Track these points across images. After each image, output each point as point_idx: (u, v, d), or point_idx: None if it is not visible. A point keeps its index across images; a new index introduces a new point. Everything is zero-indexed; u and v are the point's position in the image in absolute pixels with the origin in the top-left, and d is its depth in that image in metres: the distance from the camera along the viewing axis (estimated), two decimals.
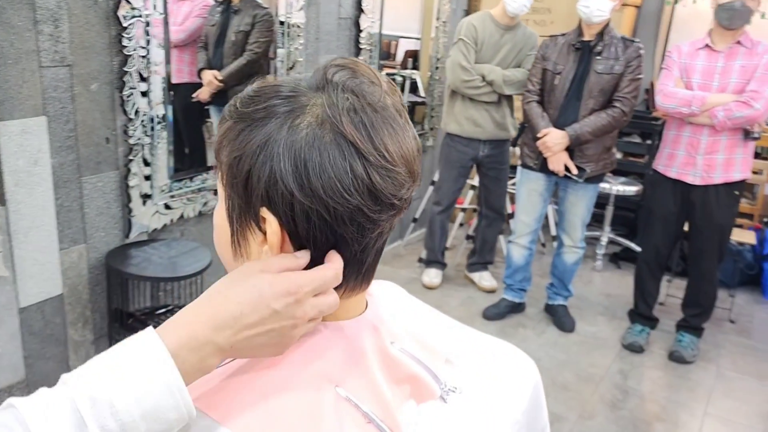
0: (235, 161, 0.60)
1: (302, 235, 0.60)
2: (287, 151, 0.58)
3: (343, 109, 0.59)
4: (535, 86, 2.96)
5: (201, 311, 0.57)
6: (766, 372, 3.02)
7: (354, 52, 3.36)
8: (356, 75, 0.63)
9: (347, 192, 0.58)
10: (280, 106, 0.60)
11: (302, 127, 0.58)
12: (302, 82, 0.63)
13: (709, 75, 2.78)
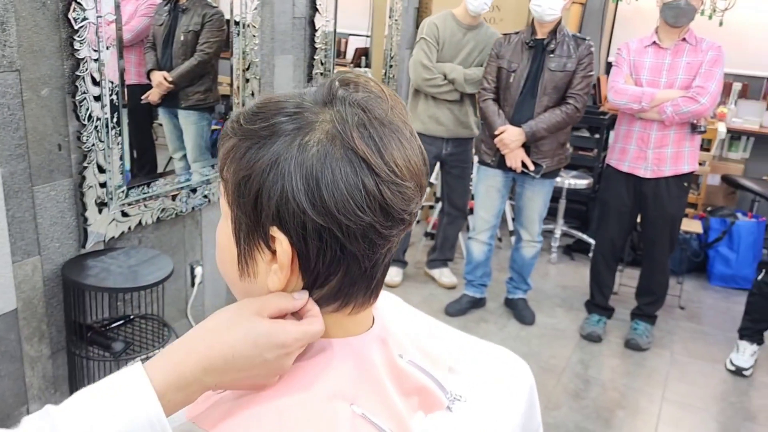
0: (243, 180, 0.59)
1: (313, 253, 0.59)
2: (298, 168, 0.57)
3: (352, 124, 0.58)
4: (491, 84, 3.00)
5: (193, 350, 0.57)
6: (716, 355, 3.15)
7: (309, 51, 3.33)
8: (362, 89, 0.62)
9: (360, 209, 0.57)
10: (287, 123, 0.59)
11: (312, 143, 0.57)
12: (306, 97, 0.62)
13: (657, 71, 2.87)
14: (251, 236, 0.61)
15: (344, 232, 0.58)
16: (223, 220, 0.65)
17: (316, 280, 0.62)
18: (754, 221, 4.00)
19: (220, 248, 0.67)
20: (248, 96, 2.94)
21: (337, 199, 0.57)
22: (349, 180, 0.57)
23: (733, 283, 3.97)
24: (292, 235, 0.58)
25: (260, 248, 0.61)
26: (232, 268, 0.65)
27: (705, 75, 2.79)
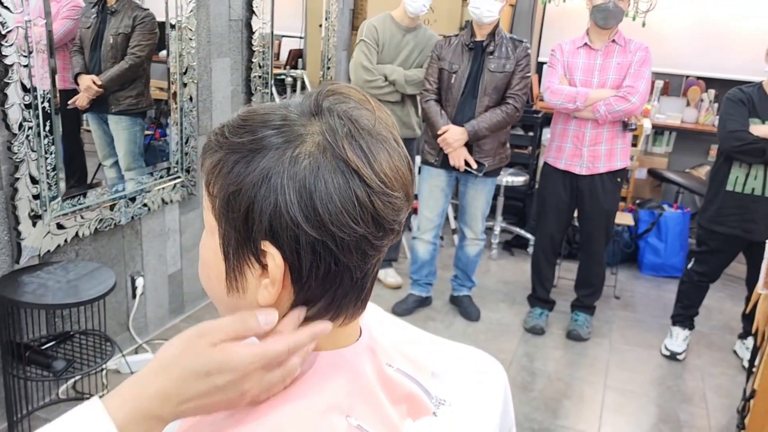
0: (233, 195, 0.58)
1: (306, 267, 0.59)
2: (291, 181, 0.56)
3: (342, 135, 0.58)
4: (433, 85, 3.03)
5: (148, 385, 0.57)
6: (651, 342, 3.29)
7: (247, 54, 3.28)
8: (348, 100, 0.62)
9: (353, 221, 0.57)
10: (275, 136, 0.58)
11: (303, 156, 0.57)
12: (291, 109, 0.61)
13: (590, 72, 2.98)
14: (240, 251, 0.60)
15: (338, 244, 0.58)
16: (207, 234, 0.64)
17: (307, 294, 0.61)
18: (679, 212, 4.21)
19: (204, 264, 0.65)
20: (186, 100, 2.87)
21: (331, 212, 0.56)
22: (342, 192, 0.57)
23: (662, 271, 4.17)
24: (285, 249, 0.58)
25: (250, 263, 0.60)
26: (219, 284, 0.64)
27: (634, 75, 2.92)
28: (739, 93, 2.89)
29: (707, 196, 3.07)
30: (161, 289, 3.00)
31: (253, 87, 3.34)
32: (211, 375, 0.56)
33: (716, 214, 2.96)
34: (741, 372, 3.05)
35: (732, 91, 2.92)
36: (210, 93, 3.07)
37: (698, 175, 4.55)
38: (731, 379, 2.99)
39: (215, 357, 0.56)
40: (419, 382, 0.75)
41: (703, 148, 4.91)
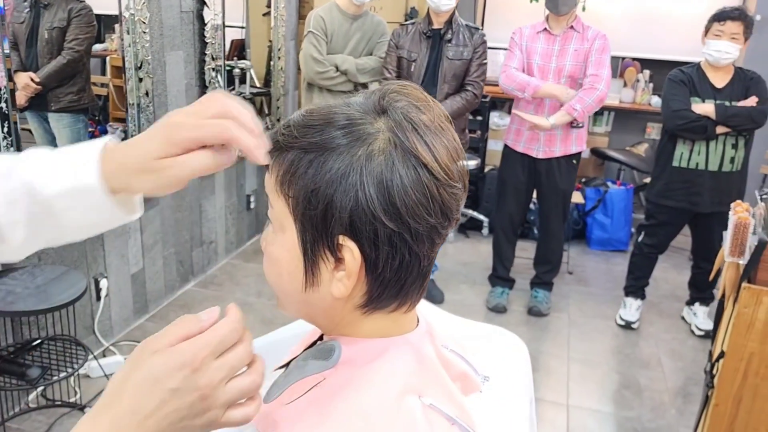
0: (313, 194, 0.60)
1: (382, 258, 0.62)
2: (369, 177, 0.59)
3: (410, 131, 0.61)
4: (392, 74, 3.07)
5: (99, 420, 0.52)
6: (606, 313, 3.46)
7: (200, 46, 3.22)
8: (410, 97, 0.65)
9: (426, 212, 0.61)
10: (345, 135, 0.61)
11: (377, 152, 0.60)
12: (354, 107, 0.64)
13: (548, 57, 3.08)
14: (317, 246, 0.62)
15: (413, 235, 0.61)
16: (277, 233, 0.65)
17: (380, 284, 0.64)
18: (623, 188, 4.41)
19: (274, 262, 0.67)
20: (143, 95, 2.80)
21: (408, 204, 0.60)
22: (415, 185, 0.60)
23: (609, 246, 4.36)
24: (364, 242, 0.60)
25: (325, 257, 0.63)
26: (293, 280, 0.66)
27: (596, 63, 3.03)
28: (680, 74, 3.05)
29: (654, 172, 3.23)
30: (125, 290, 2.94)
31: (207, 80, 3.28)
32: (159, 380, 0.52)
33: (664, 189, 3.13)
34: (690, 336, 3.25)
35: (673, 72, 3.08)
36: (165, 87, 3.00)
37: (638, 152, 4.77)
38: (682, 344, 3.19)
39: (159, 360, 0.52)
40: (468, 360, 0.79)
41: (640, 126, 5.14)
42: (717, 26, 2.92)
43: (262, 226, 4.19)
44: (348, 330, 0.68)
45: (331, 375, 0.67)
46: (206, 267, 3.63)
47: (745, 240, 1.58)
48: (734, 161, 3.00)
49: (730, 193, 3.05)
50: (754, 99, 2.93)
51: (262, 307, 3.31)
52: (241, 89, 3.85)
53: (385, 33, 3.33)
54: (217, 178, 3.59)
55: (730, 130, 2.92)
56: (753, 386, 1.61)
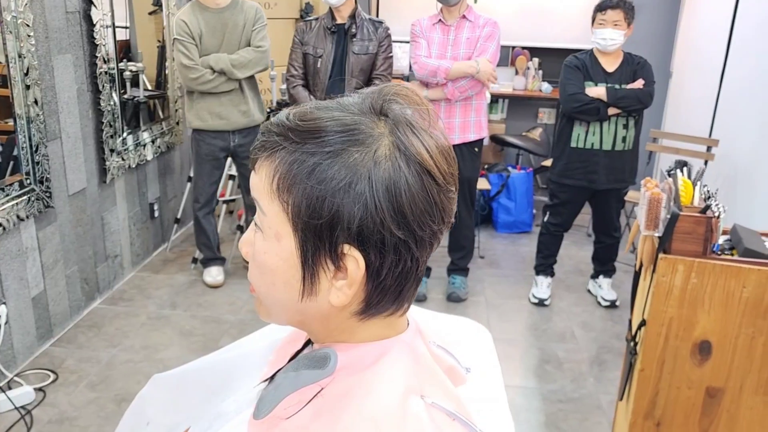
0: (318, 201, 0.57)
1: (386, 266, 0.60)
2: (379, 185, 0.57)
3: (412, 135, 0.60)
4: (298, 71, 3.02)
5: None
6: (519, 293, 3.60)
7: (89, 49, 3.03)
8: (400, 99, 0.63)
9: (432, 220, 0.60)
10: (349, 139, 0.58)
11: (383, 158, 0.58)
12: (351, 109, 0.61)
13: (444, 46, 3.15)
14: (318, 256, 0.60)
15: (417, 242, 0.60)
16: (270, 241, 0.62)
17: (381, 291, 0.62)
18: (523, 172, 4.60)
19: (268, 272, 0.63)
20: (32, 104, 2.60)
21: (415, 212, 0.58)
22: (421, 191, 0.59)
23: (515, 228, 4.54)
24: (369, 251, 0.59)
25: (325, 266, 0.60)
26: (288, 290, 0.63)
27: (480, 49, 3.13)
28: (575, 60, 3.22)
29: (554, 153, 3.39)
30: (26, 315, 2.72)
31: (101, 84, 3.09)
32: None
33: (564, 169, 3.29)
34: (598, 307, 3.45)
35: (569, 58, 3.25)
36: (55, 94, 2.80)
37: (533, 136, 4.98)
38: (591, 315, 3.38)
39: None
40: (452, 354, 0.80)
41: (533, 112, 5.37)
42: (600, 16, 3.10)
43: (168, 235, 4.02)
44: (343, 337, 0.66)
45: (329, 384, 0.64)
46: (113, 282, 3.43)
47: (658, 214, 1.69)
48: (626, 140, 3.20)
49: (624, 171, 3.26)
50: (640, 82, 3.14)
51: (179, 318, 3.17)
52: (134, 92, 3.65)
53: (260, 19, 3.19)
54: (117, 188, 3.40)
55: (620, 111, 3.12)
56: (674, 348, 1.73)
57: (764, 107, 3.45)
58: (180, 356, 2.84)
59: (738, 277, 1.63)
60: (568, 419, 2.52)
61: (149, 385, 1.01)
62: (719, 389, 1.73)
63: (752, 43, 3.70)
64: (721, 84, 4.03)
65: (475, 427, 0.67)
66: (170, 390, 0.97)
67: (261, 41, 3.16)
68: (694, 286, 1.67)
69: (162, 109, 3.96)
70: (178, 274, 3.70)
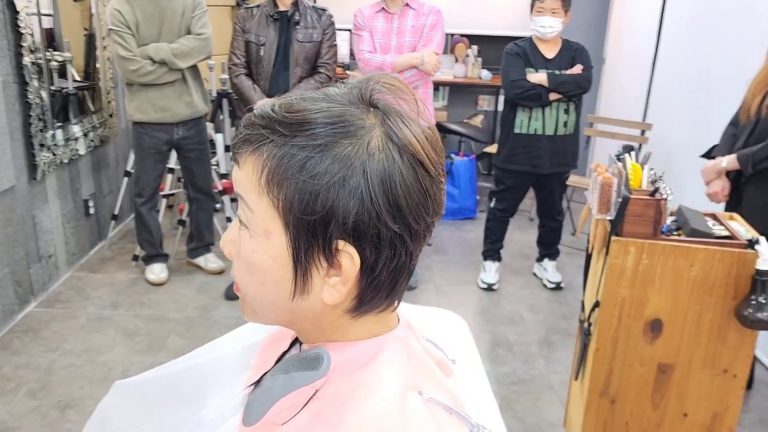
0: (311, 196, 0.55)
1: (381, 262, 0.58)
2: (374, 178, 0.55)
3: (402, 125, 0.58)
4: (241, 59, 2.94)
5: None
6: (467, 278, 3.64)
7: (14, 38, 2.85)
8: (394, 90, 0.61)
9: (426, 212, 0.58)
10: (341, 131, 0.56)
11: (376, 150, 0.56)
12: (338, 99, 0.59)
13: (388, 35, 3.13)
14: (310, 253, 0.57)
15: (412, 236, 0.58)
16: (258, 238, 0.59)
17: (375, 287, 0.60)
18: (466, 159, 4.64)
19: (257, 271, 0.60)
20: None
21: (410, 205, 0.57)
22: (415, 184, 0.57)
23: (459, 214, 4.59)
24: (365, 247, 0.56)
25: (318, 263, 0.58)
26: (278, 289, 0.60)
27: (426, 38, 3.13)
28: (515, 47, 3.26)
29: (500, 140, 3.43)
30: None
31: (27, 75, 2.92)
32: None
33: (509, 155, 3.34)
34: (544, 290, 3.53)
35: (509, 45, 3.28)
36: None
37: (474, 123, 5.04)
38: (538, 297, 3.45)
39: None
40: (439, 346, 0.78)
41: (473, 99, 5.43)
42: (538, 4, 3.15)
43: (105, 232, 3.86)
44: (336, 336, 0.64)
45: (324, 385, 0.62)
46: (47, 284, 3.27)
47: (610, 198, 1.73)
48: (567, 125, 3.27)
49: (566, 155, 3.34)
50: (579, 67, 3.21)
51: (122, 319, 3.05)
52: (62, 83, 3.47)
53: (199, 5, 3.06)
54: (49, 184, 3.23)
55: (561, 96, 3.18)
56: (626, 327, 1.78)
57: (694, 92, 3.60)
58: (125, 358, 2.73)
59: (686, 256, 1.69)
60: (521, 400, 2.57)
61: (112, 393, 0.95)
62: (670, 365, 1.80)
63: (682, 29, 3.85)
64: (654, 70, 4.18)
65: (471, 420, 0.67)
66: (137, 398, 0.92)
67: (202, 28, 3.05)
68: (645, 266, 1.72)
69: (93, 101, 3.78)
70: (118, 272, 3.56)
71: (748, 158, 2.30)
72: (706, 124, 3.35)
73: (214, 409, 0.78)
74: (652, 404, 1.84)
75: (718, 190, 2.43)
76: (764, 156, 2.26)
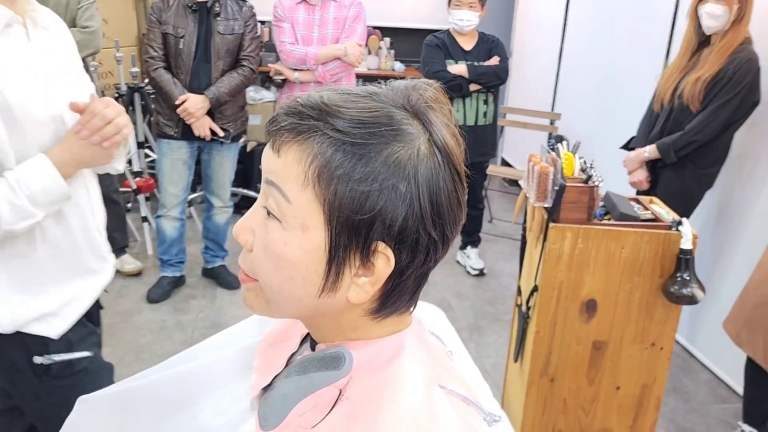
0: (363, 197, 0.55)
1: (412, 266, 0.59)
2: (423, 184, 0.56)
3: (445, 135, 0.58)
4: (158, 52, 2.80)
5: None
6: None
7: None
8: (434, 98, 0.61)
9: (459, 219, 0.60)
10: (392, 134, 0.56)
11: (424, 157, 0.56)
12: (387, 101, 0.58)
13: (310, 27, 3.09)
14: (348, 251, 0.57)
15: (444, 242, 0.59)
16: (292, 231, 0.58)
17: (400, 291, 0.61)
18: None
19: (287, 264, 0.59)
20: None
21: (449, 213, 0.58)
22: (453, 193, 0.58)
23: None
24: (403, 250, 0.57)
25: (352, 262, 0.58)
26: (307, 285, 0.59)
27: (348, 30, 3.13)
28: (435, 39, 3.32)
29: None
30: None
31: None
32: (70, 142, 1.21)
33: None
34: (468, 276, 3.63)
35: (428, 38, 3.34)
36: None
37: None
38: (463, 284, 3.55)
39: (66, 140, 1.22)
40: (440, 338, 0.80)
41: None
42: None
43: None
44: (356, 334, 0.64)
45: (348, 384, 0.62)
46: None
47: (547, 186, 1.80)
48: (487, 115, 3.37)
49: (487, 144, 3.44)
50: (496, 59, 3.31)
51: None
52: None
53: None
54: None
55: (481, 87, 3.27)
56: (564, 309, 1.87)
57: (599, 84, 3.81)
58: None
59: (617, 239, 1.80)
60: None
61: (78, 410, 0.90)
62: (603, 342, 1.91)
63: (586, 25, 4.05)
64: (560, 64, 4.38)
65: (484, 410, 0.69)
66: (114, 411, 0.88)
67: (88, 21, 2.87)
68: (580, 250, 1.81)
69: None
70: None
71: (668, 147, 2.47)
72: (611, 114, 3.56)
73: (218, 415, 0.75)
74: (587, 380, 1.95)
75: (642, 178, 2.60)
76: (684, 144, 2.43)
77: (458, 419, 0.62)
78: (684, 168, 2.49)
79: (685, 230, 1.76)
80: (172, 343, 2.81)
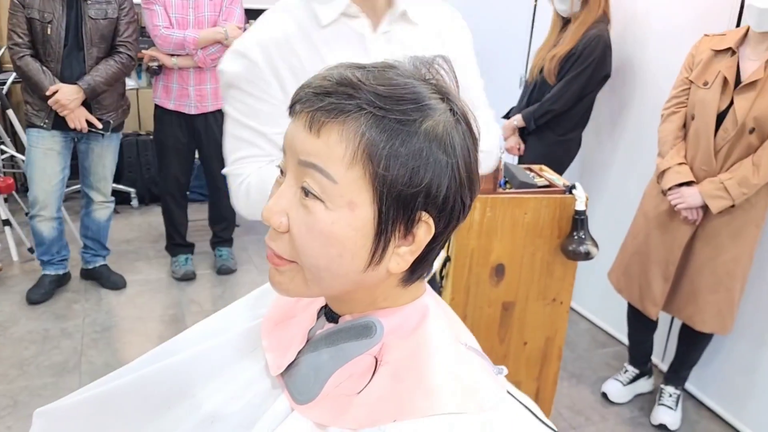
0: (414, 171, 0.58)
1: (445, 233, 0.64)
2: (460, 154, 0.60)
3: (463, 108, 0.63)
4: (23, 38, 2.55)
5: None
6: None
7: None
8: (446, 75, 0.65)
9: (478, 187, 0.65)
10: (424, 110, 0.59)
11: (455, 130, 0.61)
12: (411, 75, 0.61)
13: (184, 9, 2.97)
14: (395, 224, 0.60)
15: (467, 208, 0.64)
16: (339, 210, 0.59)
17: (427, 258, 0.65)
18: None
19: (336, 243, 0.60)
20: None
21: (477, 181, 0.63)
22: (476, 163, 0.63)
23: None
24: (441, 218, 0.61)
25: (397, 234, 0.61)
26: (354, 260, 0.61)
27: (226, 13, 3.04)
28: None
29: None
30: None
31: None
32: None
33: None
34: None
35: None
36: None
37: None
38: None
39: None
40: None
41: None
42: None
43: None
44: (387, 303, 0.67)
45: (384, 350, 0.65)
46: None
47: None
48: None
49: None
50: None
51: None
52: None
53: None
54: None
55: None
56: (476, 275, 2.00)
57: None
58: None
59: (521, 206, 1.95)
60: None
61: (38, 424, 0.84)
62: (511, 302, 2.06)
63: None
64: None
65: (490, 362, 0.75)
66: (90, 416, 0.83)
67: None
68: (489, 219, 1.94)
69: None
70: None
71: (530, 116, 2.73)
72: None
73: (231, 400, 0.75)
74: (498, 339, 2.10)
75: (513, 144, 2.82)
76: (541, 113, 2.70)
77: (483, 371, 0.68)
78: (544, 134, 2.76)
79: (578, 193, 1.95)
80: (60, 353, 2.63)
